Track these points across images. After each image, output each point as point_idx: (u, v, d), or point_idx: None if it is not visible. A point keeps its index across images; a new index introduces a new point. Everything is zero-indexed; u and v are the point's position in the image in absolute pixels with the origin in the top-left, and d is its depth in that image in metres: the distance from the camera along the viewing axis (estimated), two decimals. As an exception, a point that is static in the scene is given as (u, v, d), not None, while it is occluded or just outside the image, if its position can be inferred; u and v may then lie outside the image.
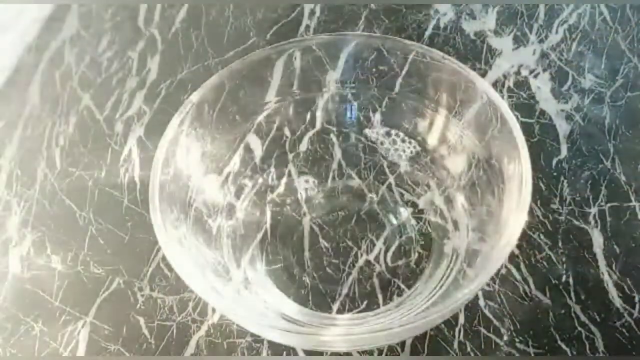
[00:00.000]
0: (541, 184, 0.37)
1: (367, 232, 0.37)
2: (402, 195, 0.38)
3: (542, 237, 0.36)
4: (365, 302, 0.34)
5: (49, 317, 0.36)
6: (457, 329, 0.33)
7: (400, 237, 0.37)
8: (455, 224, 0.36)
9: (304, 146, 0.39)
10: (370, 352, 0.33)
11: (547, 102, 0.41)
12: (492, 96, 0.31)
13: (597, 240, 0.35)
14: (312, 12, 0.48)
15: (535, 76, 0.42)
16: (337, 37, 0.35)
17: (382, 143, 0.39)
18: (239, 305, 0.31)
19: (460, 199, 0.36)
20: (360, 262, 0.36)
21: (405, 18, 0.47)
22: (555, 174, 0.38)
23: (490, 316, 0.33)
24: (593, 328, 0.33)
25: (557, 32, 0.45)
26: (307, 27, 0.48)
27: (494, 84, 0.42)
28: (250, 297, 0.34)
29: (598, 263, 0.34)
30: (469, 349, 0.33)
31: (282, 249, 0.37)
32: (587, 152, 0.39)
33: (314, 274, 0.36)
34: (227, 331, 0.34)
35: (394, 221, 0.37)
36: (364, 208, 0.38)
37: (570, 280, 0.34)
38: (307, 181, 0.39)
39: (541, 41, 0.44)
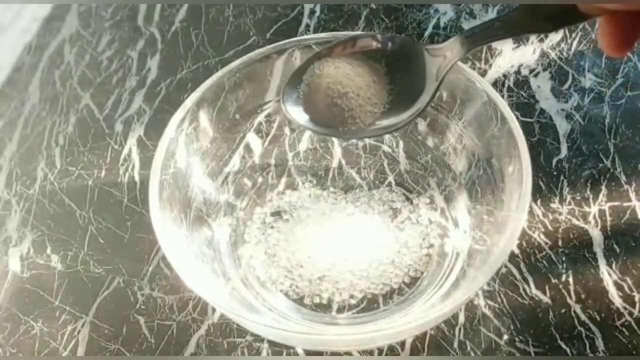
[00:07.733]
0: (541, 184, 0.37)
1: (367, 232, 0.37)
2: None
3: (542, 237, 0.36)
4: (365, 302, 0.34)
5: (49, 316, 0.36)
6: (457, 329, 0.33)
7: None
8: (456, 223, 0.36)
9: (303, 145, 0.39)
10: (370, 352, 0.33)
11: (547, 101, 0.41)
12: (492, 95, 0.31)
13: (597, 240, 0.35)
14: (312, 11, 0.48)
15: (535, 75, 0.42)
16: (337, 36, 0.35)
17: (382, 142, 0.39)
18: (238, 305, 0.31)
19: (460, 198, 0.36)
20: (360, 261, 0.36)
21: (405, 17, 0.47)
22: (555, 173, 0.38)
23: (491, 316, 0.33)
24: (593, 327, 0.33)
25: (557, 31, 0.45)
26: (307, 26, 0.48)
27: (494, 84, 0.42)
28: (249, 297, 0.34)
29: (598, 263, 0.34)
30: (469, 348, 0.33)
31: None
32: (587, 151, 0.39)
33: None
34: (227, 331, 0.34)
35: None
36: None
37: (570, 280, 0.34)
38: (307, 180, 0.39)
39: (541, 40, 0.44)
